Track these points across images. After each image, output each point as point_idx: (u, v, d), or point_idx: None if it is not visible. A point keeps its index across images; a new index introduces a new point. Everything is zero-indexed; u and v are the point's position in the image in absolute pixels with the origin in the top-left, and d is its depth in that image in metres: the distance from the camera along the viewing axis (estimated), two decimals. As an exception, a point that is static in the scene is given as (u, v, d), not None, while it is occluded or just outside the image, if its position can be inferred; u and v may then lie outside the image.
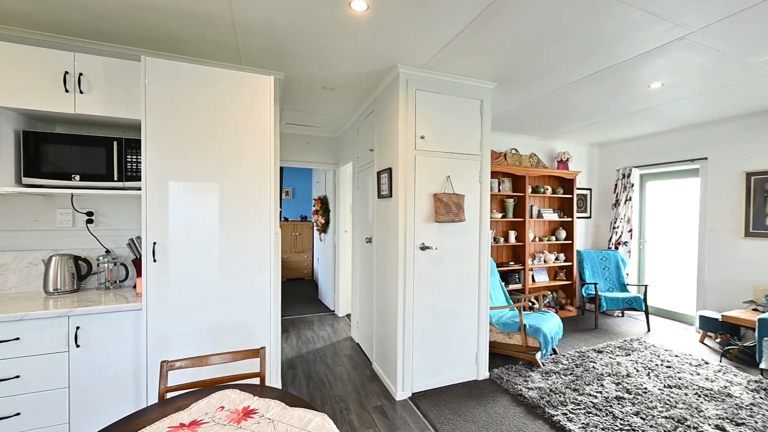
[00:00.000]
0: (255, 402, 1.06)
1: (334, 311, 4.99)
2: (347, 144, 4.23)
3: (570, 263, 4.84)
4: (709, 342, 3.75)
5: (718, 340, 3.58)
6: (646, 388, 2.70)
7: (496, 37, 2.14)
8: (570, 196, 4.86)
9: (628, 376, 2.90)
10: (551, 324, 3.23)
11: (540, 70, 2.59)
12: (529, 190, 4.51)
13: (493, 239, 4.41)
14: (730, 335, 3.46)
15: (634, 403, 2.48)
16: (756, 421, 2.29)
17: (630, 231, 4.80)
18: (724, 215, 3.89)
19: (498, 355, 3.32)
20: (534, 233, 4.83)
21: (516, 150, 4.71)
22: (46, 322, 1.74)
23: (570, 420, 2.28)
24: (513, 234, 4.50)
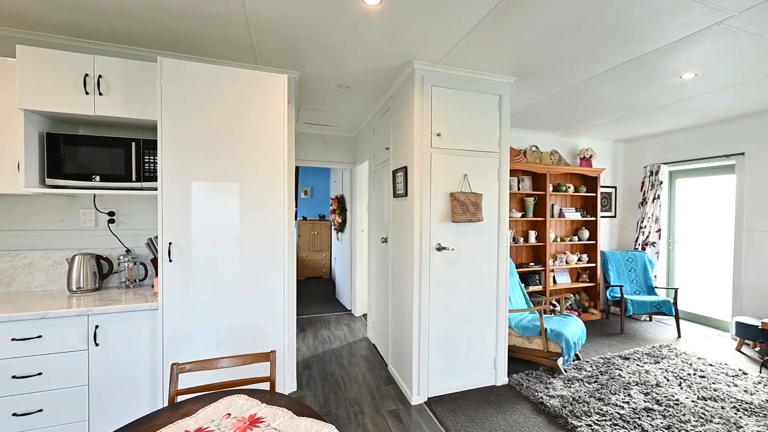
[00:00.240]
0: (262, 410, 1.03)
1: (350, 311, 4.98)
2: (363, 143, 4.20)
3: (594, 264, 4.65)
4: (747, 350, 3.51)
5: (757, 348, 3.35)
6: (677, 399, 2.54)
7: (515, 29, 2.05)
8: (594, 194, 4.67)
9: (657, 385, 2.74)
10: (574, 328, 3.10)
11: (562, 62, 2.47)
12: (550, 188, 4.35)
13: (513, 239, 4.28)
14: (770, 343, 3.23)
15: (665, 416, 2.34)
16: (802, 439, 2.11)
17: (658, 231, 4.56)
18: (763, 214, 3.64)
19: (517, 360, 3.21)
20: (555, 233, 4.66)
21: (536, 147, 4.56)
22: (66, 320, 1.78)
23: None
24: (533, 234, 4.35)
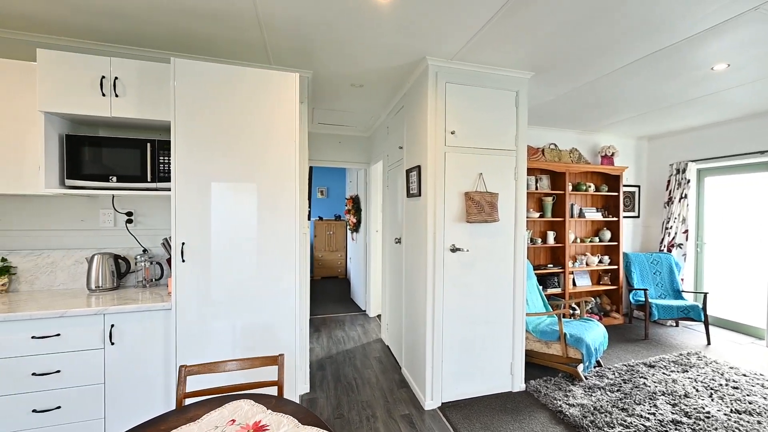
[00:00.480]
0: (267, 417, 1.01)
1: (365, 311, 4.95)
2: (378, 142, 4.16)
3: (615, 266, 4.47)
4: (785, 359, 3.30)
5: (795, 357, 3.14)
6: (708, 412, 2.39)
7: (533, 20, 1.97)
8: (616, 193, 4.49)
9: (686, 396, 2.60)
10: (595, 334, 2.97)
11: (584, 54, 2.36)
12: (570, 187, 4.20)
13: (530, 240, 4.16)
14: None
15: (694, 430, 2.20)
16: None
17: (685, 232, 4.35)
18: (803, 215, 3.41)
19: (535, 365, 3.11)
20: (575, 234, 4.51)
21: (555, 145, 4.42)
22: (83, 319, 1.81)
23: (618, 442, 2.06)
24: (551, 234, 4.22)
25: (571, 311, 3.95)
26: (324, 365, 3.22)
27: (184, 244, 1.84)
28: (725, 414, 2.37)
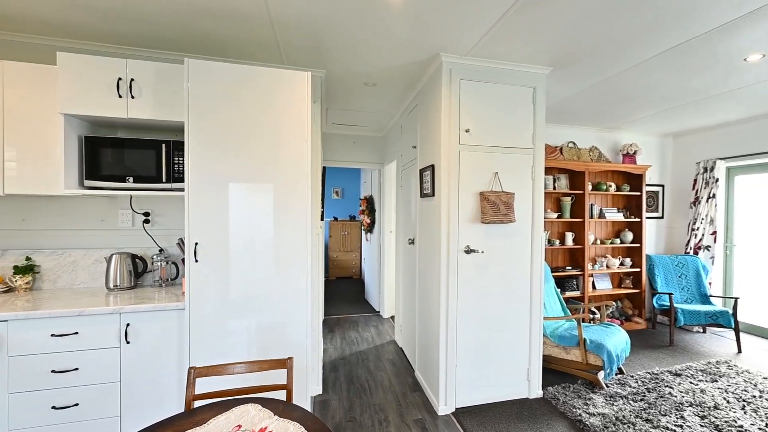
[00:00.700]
0: (273, 423, 0.98)
1: (379, 312, 4.92)
2: (391, 142, 4.13)
3: (638, 269, 4.30)
4: (824, 369, 3.09)
5: (837, 368, 2.94)
6: (741, 425, 2.25)
7: (551, 12, 1.89)
8: (638, 193, 4.31)
9: (715, 408, 2.45)
10: (617, 339, 2.85)
11: (607, 47, 2.26)
12: (589, 187, 4.06)
13: (548, 241, 4.04)
14: None
15: (726, 442, 2.09)
16: None
17: (713, 233, 4.14)
18: None
19: (553, 372, 3.01)
20: (595, 235, 4.36)
21: (574, 143, 4.28)
22: (100, 318, 1.84)
23: (642, 455, 1.96)
24: (570, 236, 4.09)
25: (591, 315, 3.82)
26: (337, 366, 3.20)
27: (197, 244, 1.84)
28: (760, 429, 2.22)
